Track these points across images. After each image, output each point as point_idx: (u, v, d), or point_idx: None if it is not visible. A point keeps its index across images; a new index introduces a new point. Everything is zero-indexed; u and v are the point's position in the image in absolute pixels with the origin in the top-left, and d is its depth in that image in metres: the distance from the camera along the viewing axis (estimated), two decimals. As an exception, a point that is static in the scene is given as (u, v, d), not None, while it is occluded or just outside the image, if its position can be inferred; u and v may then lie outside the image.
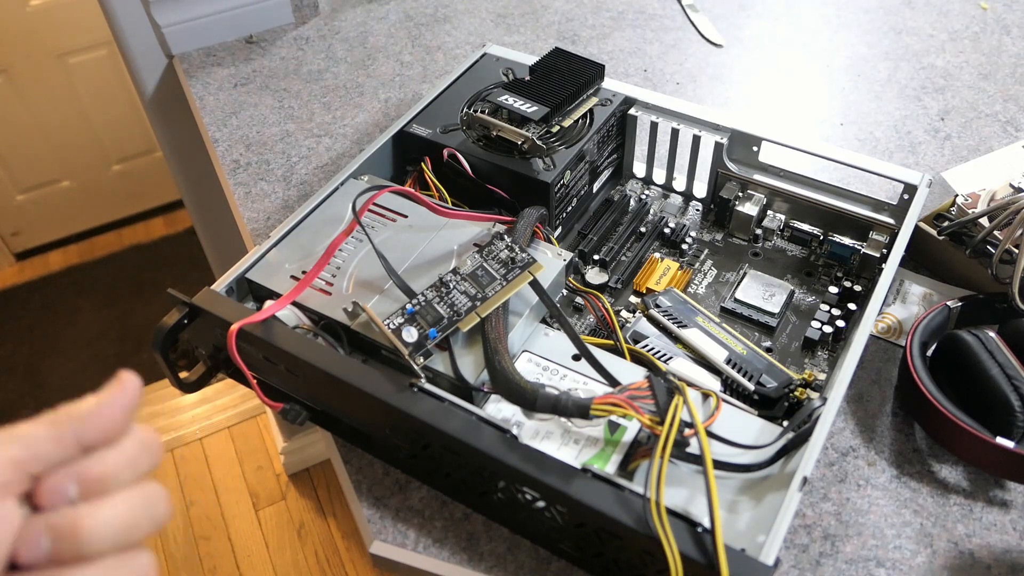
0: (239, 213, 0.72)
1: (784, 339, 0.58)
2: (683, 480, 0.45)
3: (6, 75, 1.78)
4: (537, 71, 0.65)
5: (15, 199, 1.97)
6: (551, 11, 0.97)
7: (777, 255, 0.65)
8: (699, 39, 0.93)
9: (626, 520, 0.40)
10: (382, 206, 0.59)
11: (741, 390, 0.53)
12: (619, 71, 0.88)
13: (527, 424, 0.48)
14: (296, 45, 0.92)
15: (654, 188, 0.70)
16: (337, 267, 0.55)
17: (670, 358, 0.54)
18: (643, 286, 0.61)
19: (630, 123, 0.68)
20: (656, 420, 0.43)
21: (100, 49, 1.83)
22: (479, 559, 0.48)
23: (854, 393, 0.57)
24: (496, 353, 0.48)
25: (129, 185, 2.07)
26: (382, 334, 0.49)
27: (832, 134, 0.80)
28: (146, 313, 1.90)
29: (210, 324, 0.50)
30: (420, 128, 0.64)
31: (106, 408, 0.28)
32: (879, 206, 0.62)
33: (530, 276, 0.52)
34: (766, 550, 0.41)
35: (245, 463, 1.58)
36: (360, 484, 0.52)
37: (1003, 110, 0.82)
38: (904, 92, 0.84)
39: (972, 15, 0.95)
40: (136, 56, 0.92)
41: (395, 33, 0.94)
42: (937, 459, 0.54)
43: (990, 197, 0.62)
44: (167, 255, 2.05)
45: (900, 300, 0.63)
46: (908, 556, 0.49)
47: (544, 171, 0.60)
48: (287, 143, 0.79)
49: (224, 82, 0.87)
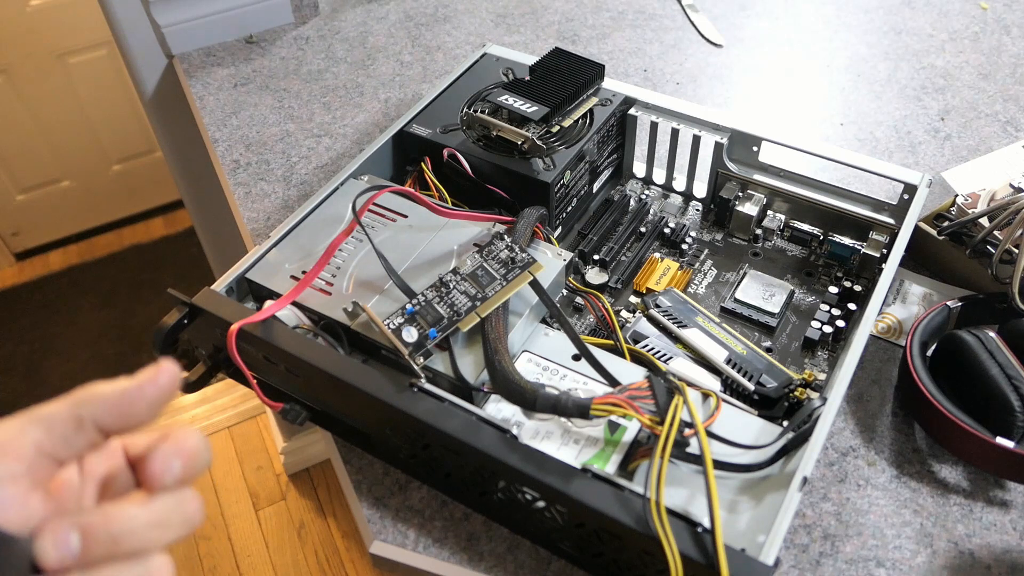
0: (239, 213, 0.72)
1: (784, 339, 0.58)
2: (683, 480, 0.45)
3: (6, 75, 1.78)
4: (537, 71, 0.65)
5: (15, 199, 1.97)
6: (551, 11, 0.97)
7: (777, 255, 0.65)
8: (699, 39, 0.93)
9: (626, 520, 0.40)
10: (382, 206, 0.59)
11: (741, 390, 0.53)
12: (619, 71, 0.88)
13: (527, 424, 0.48)
14: (296, 45, 0.92)
15: (654, 188, 0.70)
16: (337, 267, 0.55)
17: (670, 358, 0.54)
18: (643, 286, 0.61)
19: (630, 123, 0.68)
20: (656, 420, 0.43)
21: (100, 49, 1.83)
22: (479, 559, 0.48)
23: (854, 393, 0.57)
24: (496, 353, 0.48)
25: (129, 185, 2.07)
26: (382, 334, 0.49)
27: (832, 134, 0.80)
28: (146, 313, 1.90)
29: (210, 324, 0.50)
30: (420, 128, 0.64)
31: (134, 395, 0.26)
32: (879, 206, 0.62)
33: (530, 276, 0.52)
34: (766, 550, 0.41)
35: (245, 463, 1.58)
36: (360, 484, 0.52)
37: (1003, 110, 0.82)
38: (904, 92, 0.84)
39: (972, 15, 0.95)
40: (136, 56, 0.92)
41: (395, 33, 0.94)
42: (937, 459, 0.54)
43: (990, 197, 0.62)
44: (167, 255, 2.05)
45: (900, 300, 0.63)
46: (908, 556, 0.49)
47: (544, 171, 0.59)
48: (287, 143, 0.79)
49: (224, 82, 0.87)
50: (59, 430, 0.26)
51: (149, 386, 0.26)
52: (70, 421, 0.26)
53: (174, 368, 0.27)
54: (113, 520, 0.25)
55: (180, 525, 0.27)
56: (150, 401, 0.26)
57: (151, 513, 0.26)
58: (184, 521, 0.27)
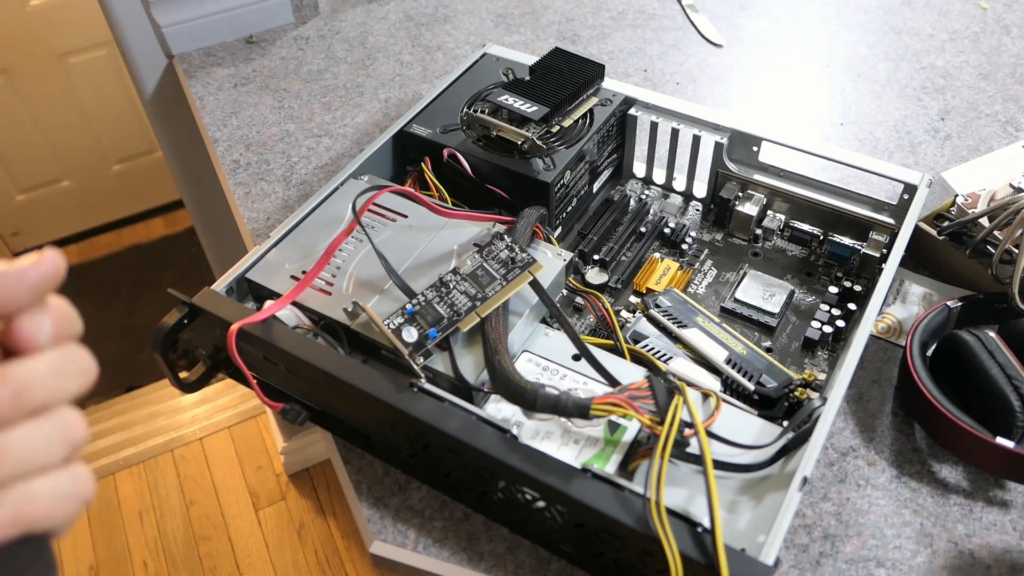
0: (239, 213, 0.72)
1: (784, 339, 0.58)
2: (683, 480, 0.45)
3: (6, 75, 1.78)
4: (537, 71, 0.65)
5: (15, 199, 1.97)
6: (551, 11, 0.97)
7: (777, 255, 0.65)
8: (699, 39, 0.93)
9: (626, 520, 0.40)
10: (382, 206, 0.59)
11: (741, 390, 0.53)
12: (619, 71, 0.88)
13: (527, 424, 0.48)
14: (296, 45, 0.92)
15: (654, 188, 0.70)
16: (337, 267, 0.55)
17: (670, 358, 0.54)
18: (643, 286, 0.61)
19: (630, 123, 0.68)
20: (656, 420, 0.43)
21: (100, 49, 1.83)
22: (479, 559, 0.48)
23: (854, 393, 0.57)
24: (496, 353, 0.48)
25: (129, 185, 2.07)
26: (382, 334, 0.49)
27: (832, 134, 0.80)
28: (146, 313, 1.90)
29: (210, 324, 0.50)
30: (420, 128, 0.64)
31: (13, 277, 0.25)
32: (879, 206, 0.62)
33: (530, 276, 0.52)
34: (766, 550, 0.41)
35: (245, 463, 1.58)
36: (360, 484, 0.52)
37: (1003, 110, 0.82)
38: (904, 92, 0.84)
39: (972, 15, 0.95)
40: (136, 56, 0.92)
41: (395, 33, 0.94)
42: (937, 459, 0.54)
43: (990, 197, 0.62)
44: (167, 255, 2.05)
45: (900, 300, 0.63)
46: (908, 556, 0.49)
47: (544, 171, 0.60)
48: (287, 143, 0.79)
49: (224, 82, 0.87)
50: None
51: (31, 270, 0.26)
52: None
53: (58, 257, 0.27)
54: (10, 375, 0.25)
55: (79, 374, 0.27)
56: (30, 284, 0.26)
57: (45, 361, 0.26)
58: (81, 370, 0.27)
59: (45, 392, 0.26)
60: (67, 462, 0.26)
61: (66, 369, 0.27)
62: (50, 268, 0.26)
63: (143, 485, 1.55)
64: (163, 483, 1.56)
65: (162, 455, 1.60)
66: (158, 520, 1.50)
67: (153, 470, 1.58)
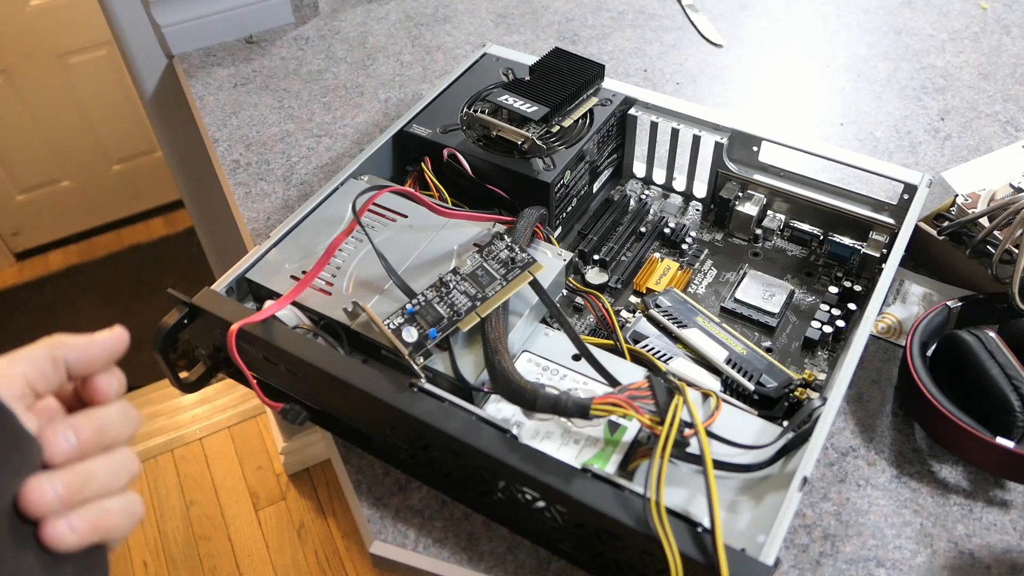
0: (239, 213, 0.72)
1: (784, 339, 0.58)
2: (683, 480, 0.45)
3: (6, 75, 1.78)
4: (537, 71, 0.65)
5: (15, 199, 1.97)
6: (551, 11, 0.97)
7: (777, 255, 0.65)
8: (699, 39, 0.93)
9: (626, 520, 0.40)
10: (382, 206, 0.59)
11: (741, 390, 0.53)
12: (619, 71, 0.88)
13: (527, 424, 0.48)
14: (296, 45, 0.92)
15: (654, 188, 0.70)
16: (337, 267, 0.55)
17: (670, 358, 0.54)
18: (643, 286, 0.61)
19: (630, 123, 0.68)
20: (656, 420, 0.43)
21: (100, 49, 1.83)
22: (479, 559, 0.48)
23: (854, 393, 0.57)
24: (496, 353, 0.48)
25: (129, 185, 2.07)
26: (382, 334, 0.49)
27: (832, 134, 0.80)
28: (146, 313, 1.90)
29: (210, 324, 0.50)
30: (420, 128, 0.64)
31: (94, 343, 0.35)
32: (879, 206, 0.62)
33: (530, 276, 0.52)
34: (766, 550, 0.41)
35: (245, 463, 1.58)
36: (360, 484, 0.52)
37: (1003, 110, 0.82)
38: (904, 92, 0.84)
39: (972, 15, 0.95)
40: (136, 56, 0.92)
41: (395, 33, 0.94)
42: (937, 459, 0.54)
43: (990, 197, 0.62)
44: (167, 255, 2.05)
45: (900, 300, 0.63)
46: (908, 556, 0.49)
47: (544, 171, 0.59)
48: (287, 143, 0.79)
49: (224, 82, 0.87)
50: (40, 366, 0.33)
51: (108, 340, 0.35)
52: (48, 359, 0.33)
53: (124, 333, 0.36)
54: (95, 418, 0.33)
55: (134, 421, 0.35)
56: (106, 351, 0.35)
57: (117, 409, 0.34)
58: (134, 419, 0.35)
59: (115, 433, 0.33)
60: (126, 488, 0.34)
61: (127, 417, 0.34)
62: (120, 340, 0.36)
63: (143, 485, 1.55)
64: (163, 483, 1.56)
65: (162, 455, 1.60)
66: (158, 520, 1.50)
67: (153, 470, 1.58)
